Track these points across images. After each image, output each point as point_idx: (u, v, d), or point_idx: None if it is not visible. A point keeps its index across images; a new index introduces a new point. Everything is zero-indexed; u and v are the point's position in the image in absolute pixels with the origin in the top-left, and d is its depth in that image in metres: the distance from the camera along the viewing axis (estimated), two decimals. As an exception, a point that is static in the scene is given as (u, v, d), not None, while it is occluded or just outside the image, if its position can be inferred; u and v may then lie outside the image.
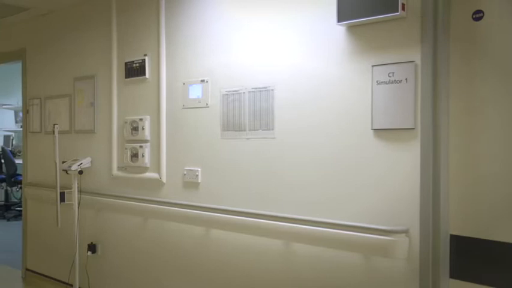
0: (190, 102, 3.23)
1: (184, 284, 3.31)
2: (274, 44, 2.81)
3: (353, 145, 2.49)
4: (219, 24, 3.08)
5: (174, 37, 3.35)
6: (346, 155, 2.52)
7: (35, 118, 4.63)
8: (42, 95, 4.53)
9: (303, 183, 2.68)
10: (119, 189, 3.76)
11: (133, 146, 3.59)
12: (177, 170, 3.33)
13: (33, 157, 4.72)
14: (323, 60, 2.60)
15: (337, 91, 2.55)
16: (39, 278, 4.55)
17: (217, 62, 3.08)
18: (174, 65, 3.35)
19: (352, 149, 2.49)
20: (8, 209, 8.17)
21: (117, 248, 3.81)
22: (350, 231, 2.44)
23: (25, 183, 4.80)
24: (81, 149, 4.08)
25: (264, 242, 2.85)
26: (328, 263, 2.59)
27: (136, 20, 3.62)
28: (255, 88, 2.88)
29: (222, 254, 3.08)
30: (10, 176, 7.72)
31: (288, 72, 2.74)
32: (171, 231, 3.37)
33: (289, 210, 2.73)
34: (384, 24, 2.37)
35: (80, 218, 3.89)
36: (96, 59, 3.95)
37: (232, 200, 2.99)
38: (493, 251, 2.09)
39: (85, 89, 4.06)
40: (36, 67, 4.63)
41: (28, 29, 4.67)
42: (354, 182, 2.49)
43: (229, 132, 3.02)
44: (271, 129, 2.82)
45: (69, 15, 4.22)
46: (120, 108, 3.75)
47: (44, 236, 4.53)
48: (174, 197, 3.34)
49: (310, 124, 2.65)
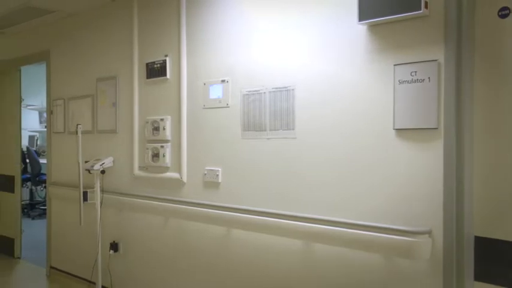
0: (210, 102, 3.24)
1: (205, 283, 3.33)
2: (295, 43, 2.80)
3: (374, 145, 2.47)
4: (240, 23, 3.08)
5: (195, 37, 3.36)
6: (367, 155, 2.49)
7: (59, 118, 4.71)
8: (65, 95, 4.61)
9: (323, 183, 2.67)
10: (140, 188, 3.79)
11: (154, 146, 3.62)
12: (197, 169, 3.35)
13: (57, 157, 4.80)
14: (344, 59, 2.58)
15: (358, 90, 2.53)
16: (63, 276, 4.63)
17: (238, 62, 3.08)
18: (195, 65, 3.36)
19: (374, 149, 2.47)
20: (33, 208, 8.32)
21: (138, 247, 3.85)
22: (371, 231, 2.42)
23: (49, 183, 4.88)
24: (103, 149, 4.14)
25: (284, 242, 2.84)
26: (349, 264, 2.57)
27: (158, 21, 3.65)
28: (276, 88, 2.88)
29: (242, 254, 3.08)
30: (35, 176, 7.87)
31: (309, 71, 2.73)
32: (192, 231, 3.39)
33: (310, 210, 2.71)
34: (406, 23, 2.34)
35: (102, 217, 3.94)
36: (117, 60, 4.00)
37: (253, 200, 2.99)
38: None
39: (107, 90, 4.11)
40: (59, 68, 4.71)
41: (52, 31, 4.75)
42: (376, 181, 2.46)
43: (249, 132, 3.02)
44: (291, 129, 2.81)
45: (91, 17, 4.28)
46: (141, 109, 3.79)
47: (67, 234, 4.60)
48: (195, 197, 3.35)
49: (331, 124, 2.64)
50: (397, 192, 2.39)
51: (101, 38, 4.18)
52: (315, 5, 2.70)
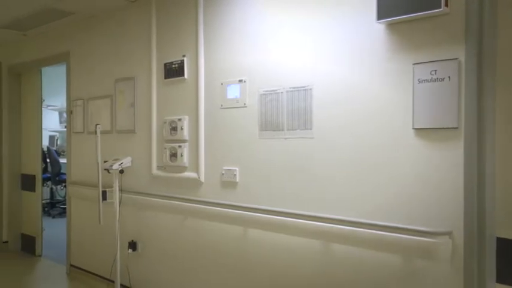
0: (228, 102, 3.25)
1: (223, 283, 3.33)
2: (312, 42, 2.78)
3: (393, 144, 2.44)
4: (257, 23, 3.08)
5: (212, 37, 3.37)
6: (386, 154, 2.47)
7: (78, 119, 4.77)
8: (85, 96, 4.67)
9: (341, 183, 2.65)
10: (158, 188, 3.82)
11: (172, 145, 3.64)
12: (215, 169, 3.35)
13: (76, 157, 4.86)
14: (362, 58, 2.56)
15: (377, 90, 2.50)
16: (83, 274, 4.69)
17: (255, 62, 3.08)
18: (212, 65, 3.37)
19: (393, 149, 2.44)
20: (53, 207, 8.45)
21: (156, 246, 3.88)
22: (390, 232, 2.40)
23: (69, 182, 4.95)
24: (122, 149, 4.17)
25: (301, 242, 2.83)
26: (367, 264, 2.55)
27: (175, 21, 3.67)
28: (293, 87, 2.87)
29: (259, 254, 3.08)
30: (55, 175, 7.99)
31: (327, 71, 2.72)
32: (209, 231, 3.40)
33: (328, 210, 2.70)
34: (425, 21, 2.31)
35: (120, 216, 3.97)
36: (136, 61, 4.03)
37: (270, 200, 2.99)
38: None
39: (125, 90, 4.15)
40: (79, 69, 4.77)
41: (72, 33, 4.81)
42: (395, 181, 2.44)
43: (267, 132, 3.02)
44: (309, 129, 2.80)
45: (110, 18, 4.32)
46: (159, 109, 3.81)
47: (87, 233, 4.66)
48: (212, 197, 3.36)
49: (349, 123, 2.62)
50: (417, 192, 2.36)
51: (120, 39, 4.22)
52: (333, 4, 2.68)
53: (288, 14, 2.91)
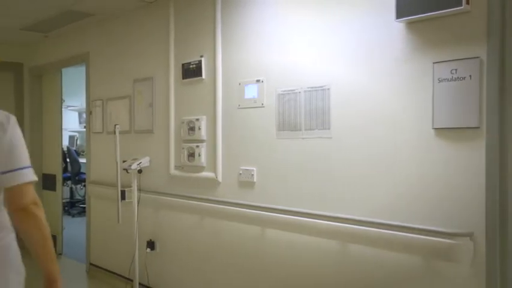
0: (246, 102, 3.25)
1: (240, 282, 3.34)
2: (330, 42, 2.77)
3: (413, 144, 2.41)
4: (275, 23, 3.08)
5: (230, 38, 3.38)
6: (405, 155, 2.44)
7: (97, 119, 4.82)
8: (104, 96, 4.72)
9: (360, 183, 2.63)
10: (176, 188, 3.84)
11: (190, 145, 3.66)
12: (232, 169, 3.36)
13: (95, 156, 4.92)
14: (381, 57, 2.53)
15: (396, 89, 2.48)
16: (102, 272, 4.74)
17: (273, 62, 3.08)
18: (230, 65, 3.38)
19: (412, 148, 2.41)
20: (73, 206, 8.55)
21: (174, 246, 3.90)
22: (409, 232, 2.37)
23: (88, 181, 5.01)
24: (140, 149, 4.21)
25: (319, 243, 2.82)
26: (385, 265, 2.52)
27: (193, 22, 3.68)
28: (311, 87, 2.86)
29: (276, 254, 3.07)
30: (75, 175, 8.09)
31: (345, 70, 2.70)
32: (227, 230, 3.41)
33: (345, 211, 2.68)
34: (446, 19, 2.27)
35: (139, 215, 4.01)
36: (154, 61, 4.06)
37: (288, 200, 2.98)
38: None
39: (144, 91, 4.18)
40: (98, 70, 4.82)
41: (92, 34, 4.87)
42: (414, 182, 2.41)
43: (284, 132, 3.01)
44: (327, 129, 2.78)
45: (129, 19, 4.36)
46: (177, 109, 3.83)
47: (106, 232, 4.71)
48: (230, 197, 3.37)
49: (368, 123, 2.59)
50: (436, 193, 2.32)
51: (138, 39, 4.25)
52: (352, 4, 2.66)
53: (305, 14, 2.89)
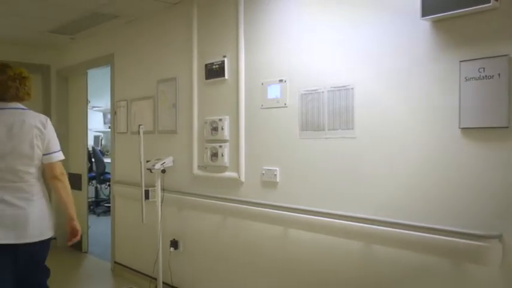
0: (268, 102, 3.25)
1: (262, 282, 3.33)
2: (354, 41, 2.74)
3: (439, 144, 2.37)
4: (297, 23, 3.06)
5: (253, 38, 3.38)
6: (431, 155, 2.40)
7: (122, 119, 4.89)
8: (128, 97, 4.78)
9: (385, 184, 2.60)
10: (199, 187, 3.86)
11: (213, 145, 3.67)
12: (255, 169, 3.36)
13: (120, 156, 4.98)
14: (406, 56, 2.50)
15: (421, 88, 2.44)
16: (126, 271, 4.80)
17: (296, 62, 3.07)
18: (253, 65, 3.38)
19: (438, 149, 2.37)
20: (98, 205, 8.69)
21: (197, 245, 3.92)
22: (436, 234, 2.33)
23: (113, 181, 5.07)
24: (163, 149, 4.25)
25: (342, 243, 2.79)
26: (411, 267, 2.48)
27: (216, 23, 3.70)
28: (334, 87, 2.84)
29: (299, 254, 3.06)
30: (99, 174, 8.22)
31: (369, 70, 2.67)
32: (250, 230, 3.41)
33: (369, 211, 2.65)
34: (473, 17, 2.23)
35: (162, 215, 4.04)
36: (177, 62, 4.09)
37: (311, 200, 2.96)
38: None
39: (167, 91, 4.22)
40: (123, 71, 4.89)
41: (116, 35, 4.94)
42: (440, 182, 2.37)
43: (307, 132, 2.99)
44: (350, 129, 2.76)
45: (153, 21, 4.41)
46: (200, 109, 3.86)
47: (130, 231, 4.77)
48: (253, 197, 3.37)
49: (392, 123, 2.56)
50: (463, 194, 2.28)
51: (162, 40, 4.29)
52: (375, 2, 2.63)
53: (328, 13, 2.87)
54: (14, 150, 2.57)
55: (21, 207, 2.56)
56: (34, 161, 2.64)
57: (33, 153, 2.62)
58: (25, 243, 2.56)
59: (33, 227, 2.58)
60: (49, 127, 2.74)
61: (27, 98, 2.78)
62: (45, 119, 2.74)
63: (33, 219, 2.59)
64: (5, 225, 2.51)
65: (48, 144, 2.70)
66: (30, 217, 2.58)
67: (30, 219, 2.58)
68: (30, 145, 2.61)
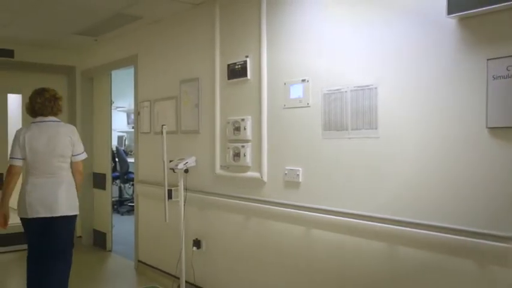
0: (291, 102, 3.24)
1: (285, 282, 3.33)
2: (377, 40, 2.71)
3: (465, 144, 2.33)
4: (320, 22, 3.05)
5: (275, 37, 3.37)
6: (456, 155, 2.36)
7: (145, 119, 4.94)
8: (151, 97, 4.82)
9: (409, 184, 2.56)
10: (221, 187, 3.88)
11: (235, 145, 3.68)
12: (278, 169, 3.35)
13: (143, 156, 5.04)
14: (431, 55, 2.46)
15: (446, 87, 2.40)
16: (150, 270, 4.85)
17: (319, 61, 3.05)
18: (275, 65, 3.37)
19: (464, 149, 2.33)
20: (122, 204, 8.80)
21: (220, 245, 3.94)
22: (462, 236, 2.30)
23: (136, 181, 5.13)
24: (186, 149, 4.28)
25: (366, 244, 2.77)
26: (437, 269, 2.44)
27: (238, 23, 3.70)
28: (357, 87, 2.81)
29: (323, 255, 3.04)
30: (123, 174, 8.33)
31: (393, 69, 2.64)
32: (272, 230, 3.41)
33: (393, 212, 2.62)
34: (501, 14, 2.18)
35: (185, 214, 4.07)
36: (200, 62, 4.12)
37: (334, 200, 2.95)
38: None
39: (190, 91, 4.25)
40: (146, 71, 4.94)
41: (140, 36, 4.99)
42: (466, 183, 2.32)
43: (330, 132, 2.97)
44: (374, 129, 2.73)
45: (176, 21, 4.44)
46: (222, 109, 3.87)
47: (153, 230, 4.82)
48: (275, 196, 3.37)
49: (417, 123, 2.53)
50: (491, 196, 2.23)
51: (184, 41, 4.32)
52: (399, 0, 2.60)
53: (353, 11, 2.85)
54: (52, 151, 3.56)
55: (54, 191, 3.55)
56: (66, 159, 3.64)
57: (65, 154, 3.63)
58: (56, 217, 3.54)
59: (62, 205, 3.55)
60: (76, 135, 3.72)
61: (59, 113, 3.75)
62: (73, 129, 3.74)
63: (62, 200, 3.56)
64: (43, 203, 3.52)
65: (75, 147, 3.68)
66: (59, 198, 3.55)
67: (59, 200, 3.55)
68: (63, 148, 3.60)
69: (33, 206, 3.50)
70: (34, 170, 3.56)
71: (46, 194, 3.52)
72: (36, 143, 3.54)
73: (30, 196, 3.52)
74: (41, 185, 3.53)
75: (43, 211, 3.51)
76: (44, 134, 3.58)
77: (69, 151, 3.63)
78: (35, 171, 3.56)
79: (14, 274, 5.19)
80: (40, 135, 3.57)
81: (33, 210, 3.50)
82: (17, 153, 3.54)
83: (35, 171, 3.56)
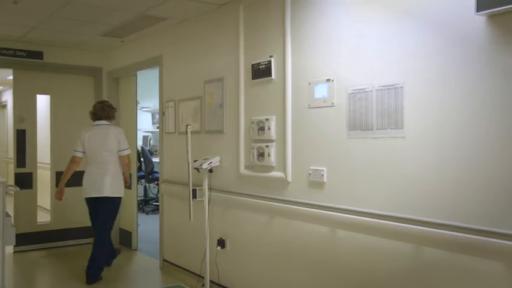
0: (315, 101, 3.22)
1: (309, 282, 3.31)
2: (404, 38, 2.68)
3: (495, 145, 2.27)
4: (345, 22, 3.02)
5: (300, 37, 3.36)
6: (486, 156, 2.31)
7: (170, 119, 4.98)
8: (176, 97, 4.87)
9: (435, 184, 2.52)
10: (245, 187, 3.88)
11: (259, 145, 3.69)
12: (302, 169, 3.34)
13: (168, 156, 5.09)
14: (459, 53, 2.41)
15: (474, 87, 2.35)
16: (175, 269, 4.90)
17: (343, 61, 3.03)
18: (300, 65, 3.36)
19: (494, 150, 2.28)
20: (147, 204, 8.90)
21: (244, 244, 3.94)
22: (491, 238, 2.25)
23: (161, 180, 5.18)
24: (211, 149, 4.30)
25: (391, 245, 2.73)
26: (464, 270, 2.40)
27: (262, 23, 3.70)
28: (383, 86, 2.78)
29: (347, 255, 3.02)
30: (148, 173, 8.42)
31: (419, 68, 2.60)
32: (297, 231, 3.40)
33: (420, 213, 2.58)
34: (532, 10, 2.12)
35: (210, 214, 4.09)
36: (224, 62, 4.13)
37: (359, 201, 2.92)
38: None
39: (214, 91, 4.27)
40: (171, 72, 4.99)
41: (165, 37, 5.04)
42: (500, 185, 2.27)
43: (355, 132, 2.95)
44: (400, 128, 2.70)
45: (200, 22, 4.47)
46: (247, 109, 3.88)
47: (178, 229, 4.86)
48: (299, 196, 3.35)
49: (444, 123, 2.48)
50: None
51: (208, 41, 4.35)
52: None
53: (377, 10, 2.82)
54: (104, 147, 4.61)
55: (102, 177, 4.57)
56: (113, 153, 4.66)
57: (112, 149, 4.65)
58: (102, 197, 4.56)
59: (106, 188, 4.57)
60: (122, 135, 4.73)
61: (112, 119, 4.83)
62: (120, 130, 4.79)
63: (107, 184, 4.57)
64: (94, 186, 4.58)
65: (120, 144, 4.68)
66: (105, 183, 4.57)
67: (105, 184, 4.56)
68: (111, 144, 4.64)
69: (87, 188, 4.62)
70: (90, 161, 4.66)
71: (96, 180, 4.57)
72: (92, 140, 4.62)
73: (86, 181, 4.63)
74: (93, 173, 4.60)
75: (93, 192, 4.57)
76: (98, 134, 4.65)
77: (115, 147, 4.64)
78: (90, 162, 4.66)
79: (44, 271, 5.31)
80: (95, 134, 4.65)
81: (86, 192, 4.62)
82: (78, 147, 4.66)
83: (90, 162, 4.66)
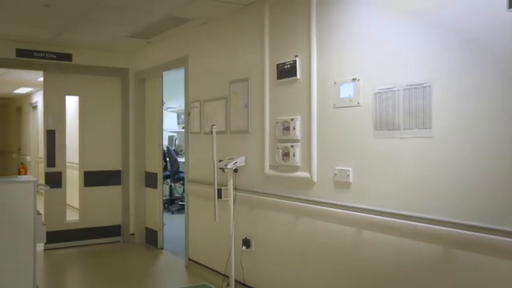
0: (341, 101, 3.20)
1: (335, 283, 3.28)
2: (432, 37, 2.63)
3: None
4: (371, 21, 2.99)
5: (325, 37, 3.34)
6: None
7: (195, 120, 5.02)
8: (201, 98, 4.90)
9: (465, 186, 2.46)
10: (270, 187, 3.88)
11: (284, 145, 3.68)
12: (327, 169, 3.32)
13: (193, 156, 5.13)
14: (490, 52, 2.36)
15: (506, 85, 2.29)
16: (200, 268, 4.93)
17: (369, 60, 2.99)
18: (325, 64, 3.34)
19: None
20: (172, 203, 8.99)
21: (269, 244, 3.94)
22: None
23: (187, 180, 5.23)
24: (236, 149, 4.31)
25: (418, 246, 2.69)
26: (496, 273, 2.34)
27: (288, 23, 3.69)
28: (410, 85, 2.74)
29: (373, 256, 2.98)
30: (174, 173, 8.50)
31: (448, 66, 2.55)
32: (322, 231, 3.38)
33: (447, 214, 2.53)
34: None
35: (235, 213, 4.10)
36: (249, 62, 4.14)
37: (385, 201, 2.88)
38: None
39: (239, 92, 4.28)
40: (196, 72, 5.02)
41: (190, 38, 5.08)
42: (529, 186, 2.21)
43: (382, 132, 2.91)
44: (428, 128, 2.65)
45: (225, 22, 4.49)
46: (272, 109, 3.87)
47: (203, 229, 4.89)
48: (325, 197, 3.33)
49: (474, 122, 2.42)
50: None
51: (233, 41, 4.36)
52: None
53: (404, 9, 2.77)
54: None
55: None
56: None
57: None
58: None
59: None
60: None
61: None
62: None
63: None
64: None
65: None
66: None
67: None
68: None
69: None
70: None
71: None
72: None
73: None
74: None
75: None
76: None
77: None
78: None
79: (74, 269, 5.42)
80: None
81: None
82: None
83: None
